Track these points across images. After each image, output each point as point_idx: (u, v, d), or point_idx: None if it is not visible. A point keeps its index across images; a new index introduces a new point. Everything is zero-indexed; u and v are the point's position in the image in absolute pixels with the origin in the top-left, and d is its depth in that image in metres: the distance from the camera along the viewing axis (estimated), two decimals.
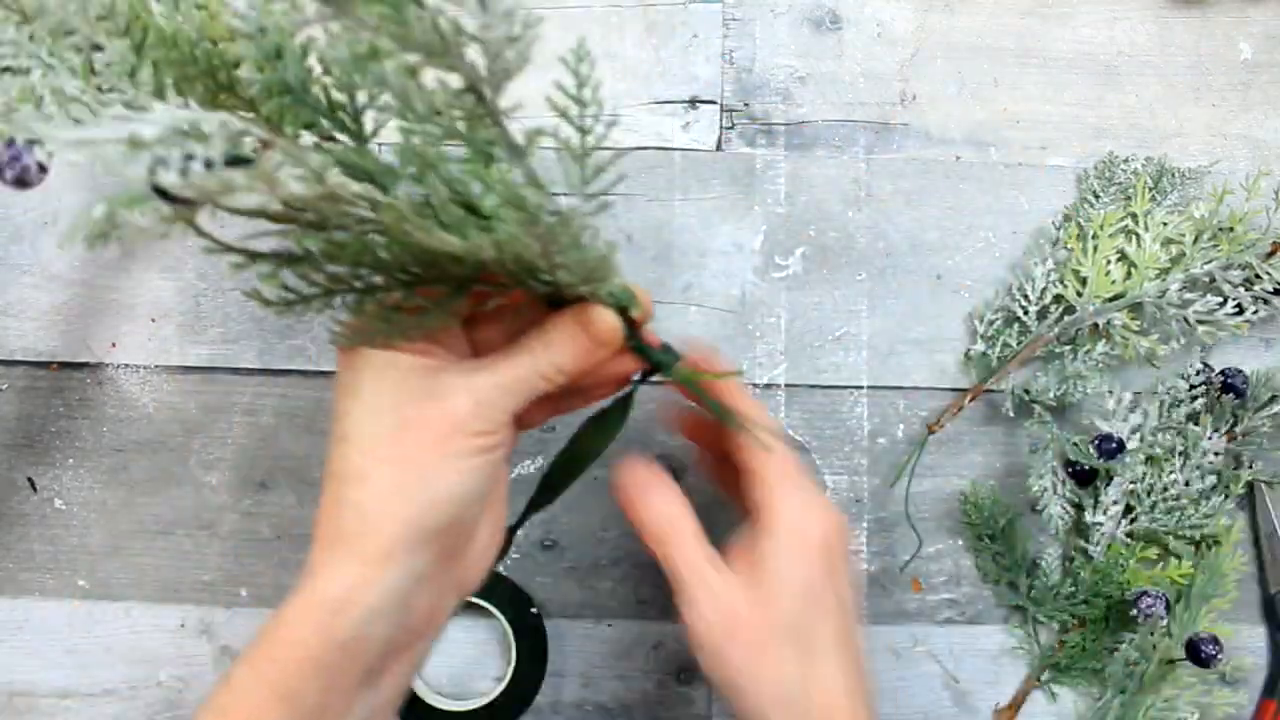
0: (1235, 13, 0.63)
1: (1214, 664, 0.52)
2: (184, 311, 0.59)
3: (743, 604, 0.40)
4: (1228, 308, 0.55)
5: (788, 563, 0.41)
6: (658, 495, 0.43)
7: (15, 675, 0.57)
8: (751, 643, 0.40)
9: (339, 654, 0.35)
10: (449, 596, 0.40)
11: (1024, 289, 0.57)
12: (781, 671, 0.40)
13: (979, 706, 0.57)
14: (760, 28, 0.62)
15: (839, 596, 0.42)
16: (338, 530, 0.37)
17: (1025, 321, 0.57)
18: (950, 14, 0.62)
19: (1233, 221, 0.56)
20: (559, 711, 0.57)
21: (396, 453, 0.36)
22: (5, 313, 0.59)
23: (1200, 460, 0.55)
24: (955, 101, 0.61)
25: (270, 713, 0.35)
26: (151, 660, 0.57)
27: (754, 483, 0.42)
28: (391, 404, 0.37)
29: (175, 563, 0.58)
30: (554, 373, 0.39)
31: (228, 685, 0.36)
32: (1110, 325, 0.56)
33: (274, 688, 0.35)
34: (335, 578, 0.36)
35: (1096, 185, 0.59)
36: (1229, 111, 0.62)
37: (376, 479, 0.36)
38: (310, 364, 0.59)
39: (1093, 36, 0.62)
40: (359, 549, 0.36)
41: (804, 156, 0.61)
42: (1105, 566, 0.55)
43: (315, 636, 0.35)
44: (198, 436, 0.58)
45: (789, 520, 0.41)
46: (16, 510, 0.58)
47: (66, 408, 0.59)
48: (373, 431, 0.37)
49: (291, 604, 0.36)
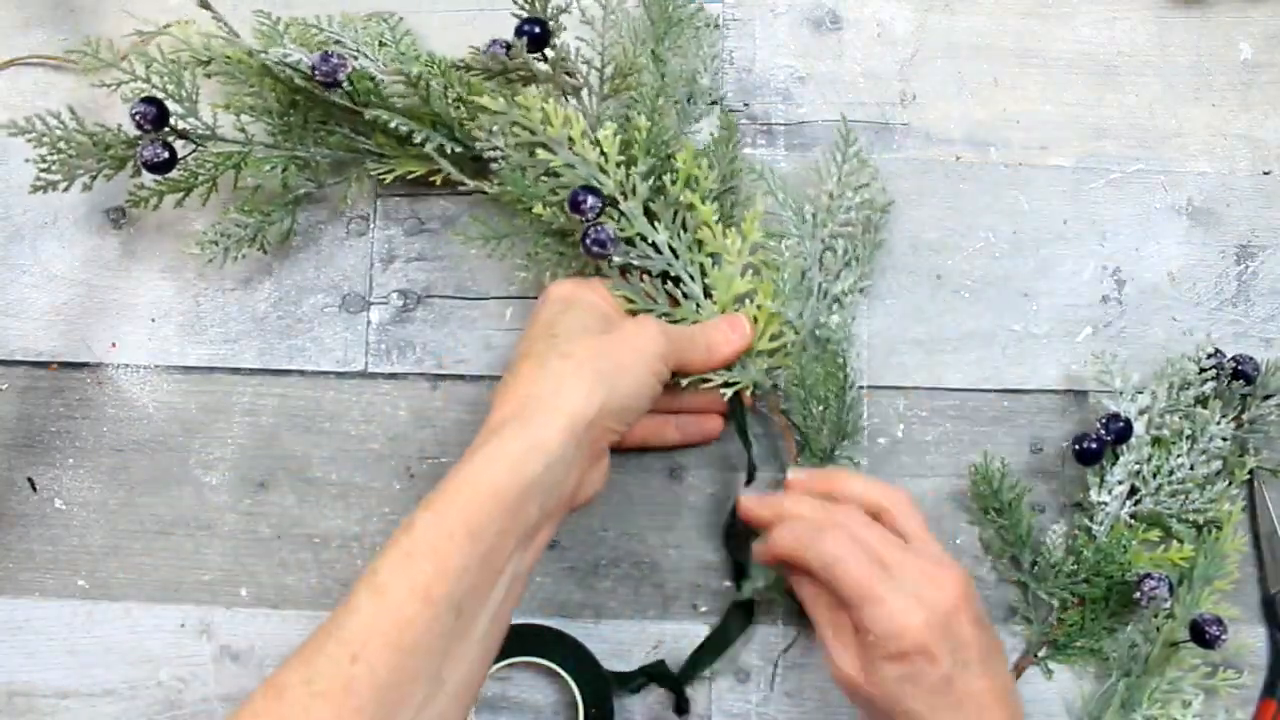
0: (1235, 13, 0.63)
1: (1218, 645, 0.52)
2: (184, 311, 0.59)
3: (875, 660, 0.45)
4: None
5: (895, 672, 0.44)
6: (826, 531, 0.46)
7: (15, 675, 0.57)
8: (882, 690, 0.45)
9: (520, 498, 0.42)
10: (575, 496, 0.46)
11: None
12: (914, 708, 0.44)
13: None
14: (760, 28, 0.62)
15: (964, 651, 0.44)
16: (532, 391, 0.45)
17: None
18: (950, 14, 0.62)
19: None
20: (558, 713, 0.57)
21: (601, 345, 0.47)
22: (5, 313, 0.59)
23: (1207, 445, 0.55)
24: (955, 101, 0.61)
25: (458, 547, 0.40)
26: (151, 660, 0.57)
27: (856, 610, 0.45)
28: (598, 320, 0.49)
29: (175, 563, 0.58)
30: (705, 345, 0.51)
31: (409, 532, 0.41)
32: None
33: (464, 523, 0.40)
34: (529, 427, 0.43)
35: None
36: (1229, 111, 0.62)
37: (581, 358, 0.46)
38: (310, 364, 0.59)
39: (1093, 36, 0.62)
40: (552, 406, 0.44)
41: (804, 156, 0.61)
42: (1108, 546, 0.54)
43: (507, 475, 0.42)
44: (198, 436, 0.58)
45: (882, 628, 0.44)
46: (16, 510, 0.58)
47: (66, 408, 0.59)
48: (583, 331, 0.48)
49: (479, 453, 0.43)
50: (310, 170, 0.57)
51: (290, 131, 0.56)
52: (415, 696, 0.39)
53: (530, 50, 0.50)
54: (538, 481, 0.42)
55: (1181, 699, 0.53)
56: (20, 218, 0.60)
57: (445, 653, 0.40)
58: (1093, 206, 0.61)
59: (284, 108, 0.56)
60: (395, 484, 0.58)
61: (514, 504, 0.42)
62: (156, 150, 0.52)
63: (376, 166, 0.56)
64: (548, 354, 0.46)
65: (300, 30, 0.57)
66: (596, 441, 0.46)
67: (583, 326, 0.48)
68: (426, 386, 0.59)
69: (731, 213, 0.56)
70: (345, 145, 0.56)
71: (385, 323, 0.59)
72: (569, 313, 0.49)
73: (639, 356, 0.47)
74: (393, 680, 0.38)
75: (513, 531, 0.42)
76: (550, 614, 0.58)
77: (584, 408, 0.44)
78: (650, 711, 0.57)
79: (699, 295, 0.54)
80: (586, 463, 0.46)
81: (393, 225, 0.60)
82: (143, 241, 0.60)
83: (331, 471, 0.58)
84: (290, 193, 0.57)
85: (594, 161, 0.51)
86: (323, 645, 0.38)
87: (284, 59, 0.52)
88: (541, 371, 0.45)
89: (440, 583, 0.39)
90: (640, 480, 0.57)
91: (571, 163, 0.51)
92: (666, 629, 0.58)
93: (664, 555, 0.58)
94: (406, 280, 0.60)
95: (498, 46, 0.52)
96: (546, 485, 0.43)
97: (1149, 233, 0.61)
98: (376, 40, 0.57)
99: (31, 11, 0.62)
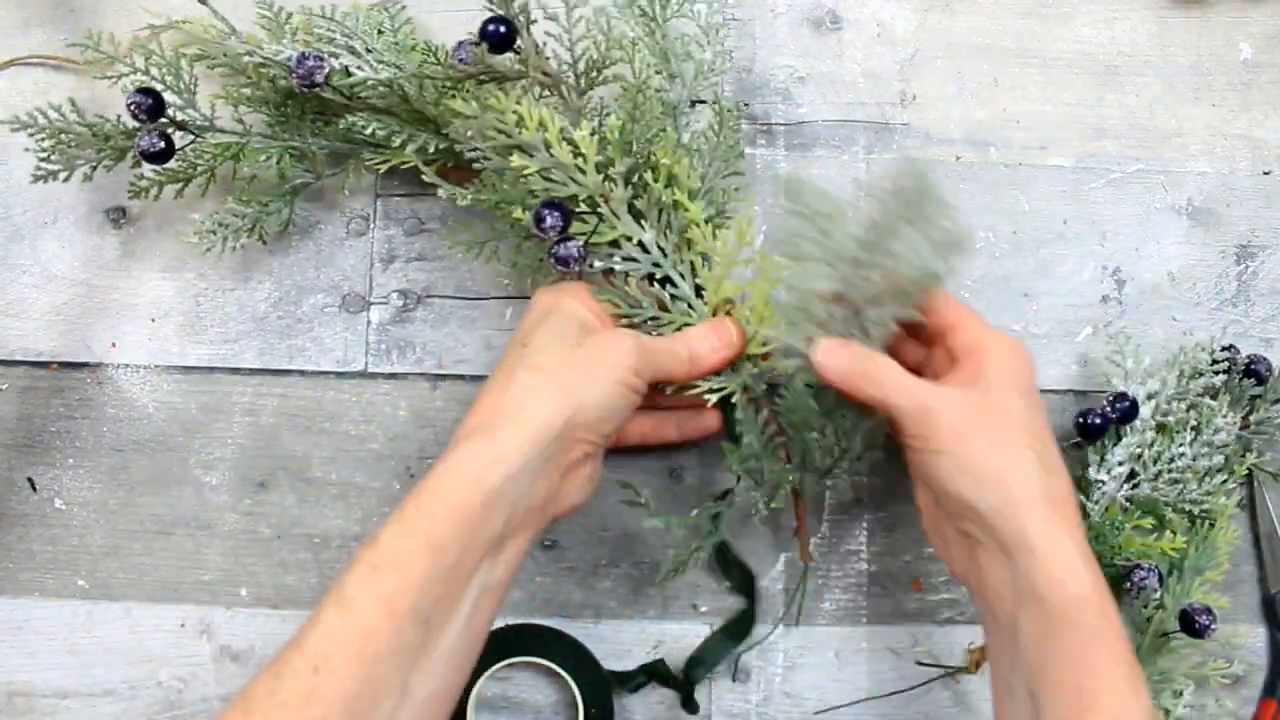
0: (1235, 13, 0.63)
1: (1208, 634, 0.52)
2: (184, 311, 0.59)
3: (978, 408, 0.46)
4: None
5: (1011, 374, 0.47)
6: (866, 357, 0.48)
7: (15, 675, 0.57)
8: (994, 439, 0.45)
9: (483, 510, 0.42)
10: (548, 507, 0.46)
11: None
12: (1026, 464, 0.44)
13: (979, 706, 0.57)
14: (760, 28, 0.62)
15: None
16: (498, 405, 0.45)
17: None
18: (950, 14, 0.62)
19: None
20: (558, 713, 0.57)
21: (570, 358, 0.46)
22: (5, 313, 0.59)
23: (1211, 437, 0.55)
24: (955, 101, 0.61)
25: (419, 561, 0.40)
26: (151, 660, 0.57)
27: (957, 332, 0.48)
28: (573, 332, 0.48)
29: (175, 563, 0.58)
30: (687, 355, 0.50)
31: (374, 546, 0.41)
32: None
33: (426, 538, 0.41)
34: (491, 440, 0.43)
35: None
36: (1229, 111, 0.62)
37: (549, 371, 0.46)
38: (310, 364, 0.59)
39: (1093, 36, 0.62)
40: (516, 419, 0.44)
41: (804, 156, 0.61)
42: (1101, 527, 0.54)
43: (468, 488, 0.42)
44: (198, 436, 0.58)
45: (999, 344, 0.47)
46: (16, 510, 0.58)
47: (66, 408, 0.59)
48: (555, 342, 0.47)
49: (444, 463, 0.43)
50: (308, 161, 0.57)
51: (287, 122, 0.56)
52: (383, 707, 0.39)
53: (496, 51, 0.49)
54: (500, 494, 0.42)
55: (1172, 689, 0.53)
56: (20, 218, 0.60)
57: (412, 665, 0.40)
58: (1093, 206, 0.61)
59: (281, 99, 0.56)
60: (395, 484, 0.58)
61: (476, 517, 0.42)
62: (153, 140, 0.52)
63: (373, 157, 0.56)
64: (516, 366, 0.46)
65: (303, 20, 0.56)
66: (566, 453, 0.46)
67: (557, 337, 0.47)
68: (426, 386, 0.59)
69: (725, 207, 0.55)
70: (342, 136, 0.56)
71: (385, 323, 0.59)
72: (545, 322, 0.48)
73: (609, 370, 0.46)
74: (357, 691, 0.38)
75: (477, 544, 0.42)
76: (550, 614, 0.58)
77: (548, 421, 0.44)
78: (650, 711, 0.57)
79: (689, 295, 0.52)
80: (557, 474, 0.46)
81: (393, 225, 0.60)
82: (143, 241, 0.60)
83: (331, 471, 0.58)
84: (287, 183, 0.57)
85: (571, 164, 0.49)
86: (289, 658, 0.39)
87: (274, 56, 0.52)
88: (509, 384, 0.45)
89: (405, 595, 0.40)
90: (640, 480, 0.57)
91: (548, 166, 0.49)
92: (666, 629, 0.58)
93: (664, 555, 0.58)
94: (406, 280, 0.60)
95: (464, 50, 0.50)
96: (510, 498, 0.43)
97: (1149, 233, 0.61)
98: (375, 29, 0.56)
99: (31, 11, 0.62)
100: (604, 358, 0.46)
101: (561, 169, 0.49)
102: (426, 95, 0.52)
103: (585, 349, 0.47)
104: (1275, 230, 0.61)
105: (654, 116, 0.51)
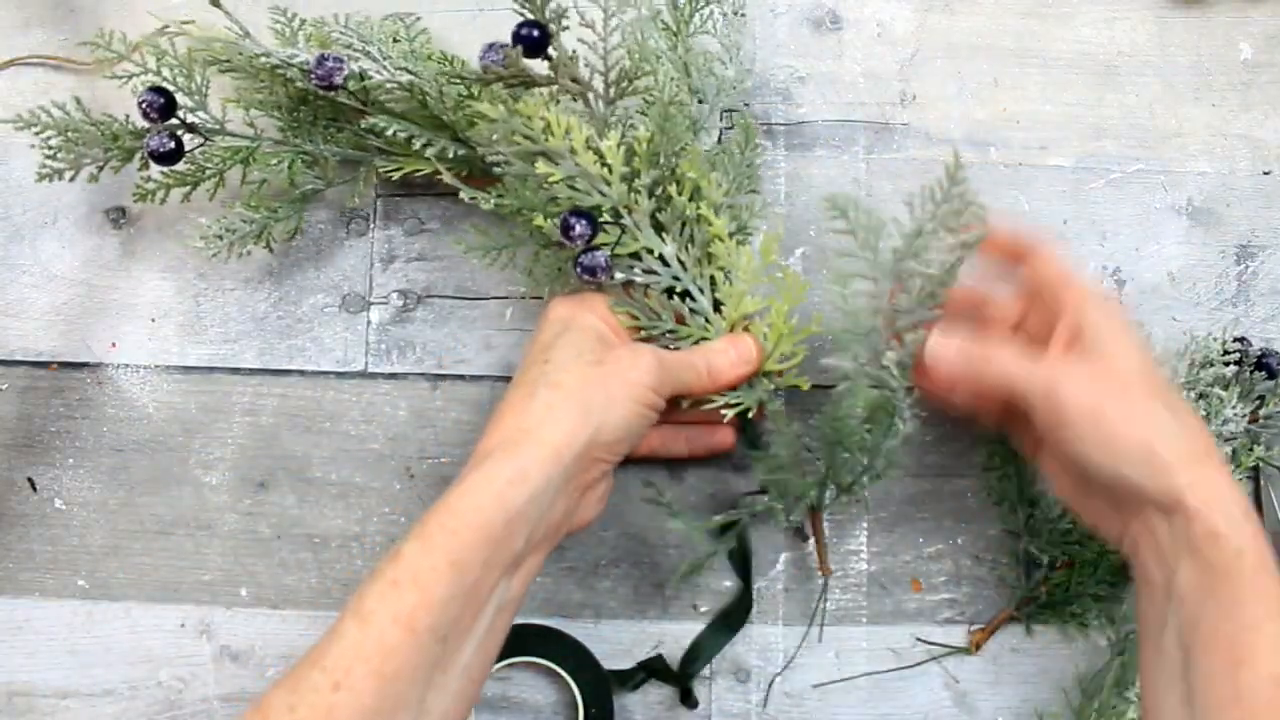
0: (1235, 13, 0.63)
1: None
2: (184, 311, 0.59)
3: (1102, 376, 0.45)
4: None
5: (1120, 329, 0.46)
6: (977, 344, 0.48)
7: (15, 675, 0.57)
8: (1126, 406, 0.44)
9: (504, 529, 0.42)
10: (564, 525, 0.47)
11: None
12: (1159, 418, 0.44)
13: (979, 706, 0.57)
14: (760, 28, 0.62)
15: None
16: (519, 423, 0.45)
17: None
18: (950, 14, 0.62)
19: None
20: (558, 713, 0.57)
21: (591, 375, 0.46)
22: (5, 313, 0.59)
23: (1220, 428, 0.55)
24: (955, 101, 0.61)
25: (441, 578, 0.40)
26: (151, 660, 0.57)
27: (1068, 306, 0.48)
28: (592, 348, 0.48)
29: (175, 563, 0.58)
30: (705, 370, 0.50)
31: (396, 560, 0.41)
32: None
33: (446, 555, 0.41)
34: (514, 458, 0.43)
35: None
36: (1229, 111, 0.62)
37: (570, 389, 0.45)
38: (310, 364, 0.59)
39: (1092, 36, 0.62)
40: (538, 438, 0.44)
41: (804, 156, 0.61)
42: None
43: (492, 506, 0.42)
44: (198, 436, 0.58)
45: (1099, 299, 0.47)
46: (16, 510, 0.58)
47: (66, 408, 0.59)
48: (575, 358, 0.47)
49: (467, 480, 0.43)
50: (318, 167, 0.57)
51: (299, 128, 0.56)
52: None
53: (529, 55, 0.48)
54: (522, 513, 0.42)
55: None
56: (20, 218, 0.60)
57: (429, 681, 0.40)
58: (1093, 206, 0.61)
59: (294, 104, 0.55)
60: (395, 484, 0.58)
61: (498, 535, 0.42)
62: (163, 140, 0.52)
63: (385, 164, 0.56)
64: (538, 383, 0.46)
65: (316, 28, 0.56)
66: (586, 472, 0.46)
67: (576, 353, 0.47)
68: (426, 386, 0.59)
69: (748, 223, 0.55)
70: (354, 143, 0.56)
71: (385, 323, 0.59)
72: (564, 336, 0.48)
73: (630, 389, 0.46)
74: (375, 707, 0.38)
75: (498, 562, 0.42)
76: (550, 614, 0.58)
77: (570, 440, 0.44)
78: (650, 711, 0.57)
79: (708, 310, 0.52)
80: (576, 493, 0.46)
81: (393, 225, 0.60)
82: (143, 241, 0.60)
83: (331, 471, 0.58)
84: (297, 189, 0.56)
85: (597, 174, 0.49)
86: (307, 672, 0.39)
87: (290, 59, 0.52)
88: (531, 402, 0.45)
89: (424, 612, 0.40)
90: (640, 480, 0.57)
91: (573, 175, 0.49)
92: (666, 629, 0.58)
93: (664, 555, 0.58)
94: (406, 280, 0.60)
95: (495, 52, 0.49)
96: (532, 517, 0.43)
97: (1149, 233, 0.61)
98: (390, 38, 0.56)
99: (31, 11, 0.62)
100: (624, 376, 0.46)
101: (587, 178, 0.49)
102: (446, 100, 0.52)
103: (606, 366, 0.47)
104: (1275, 230, 0.61)
105: (682, 130, 0.51)
